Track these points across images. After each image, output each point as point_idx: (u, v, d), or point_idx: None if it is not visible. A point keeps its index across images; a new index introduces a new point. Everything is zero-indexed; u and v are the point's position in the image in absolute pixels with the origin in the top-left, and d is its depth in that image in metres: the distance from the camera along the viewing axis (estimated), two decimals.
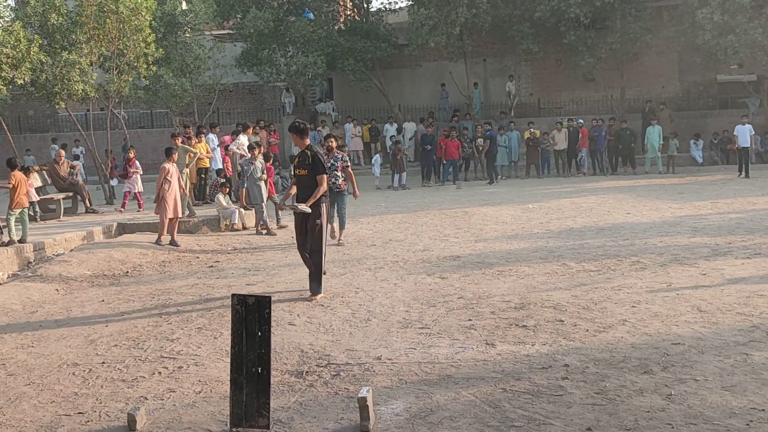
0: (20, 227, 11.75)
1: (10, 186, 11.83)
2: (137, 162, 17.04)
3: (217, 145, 17.75)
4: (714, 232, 11.23)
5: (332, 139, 11.85)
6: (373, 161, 22.24)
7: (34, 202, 14.21)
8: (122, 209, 16.14)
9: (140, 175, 16.82)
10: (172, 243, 12.22)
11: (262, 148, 14.72)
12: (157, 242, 12.19)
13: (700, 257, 9.36)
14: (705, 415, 4.58)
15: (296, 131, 8.17)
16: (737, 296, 7.33)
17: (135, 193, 16.55)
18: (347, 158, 11.79)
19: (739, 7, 21.63)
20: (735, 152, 21.26)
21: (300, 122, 8.33)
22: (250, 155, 14.02)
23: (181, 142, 14.83)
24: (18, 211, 11.74)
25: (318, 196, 8.05)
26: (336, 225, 11.73)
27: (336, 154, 11.47)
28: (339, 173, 11.39)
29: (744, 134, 19.76)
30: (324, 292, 8.24)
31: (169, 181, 12.26)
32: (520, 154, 23.20)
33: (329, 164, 10.56)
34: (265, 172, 13.81)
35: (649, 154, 22.24)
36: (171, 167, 12.36)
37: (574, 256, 9.90)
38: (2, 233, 11.79)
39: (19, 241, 11.53)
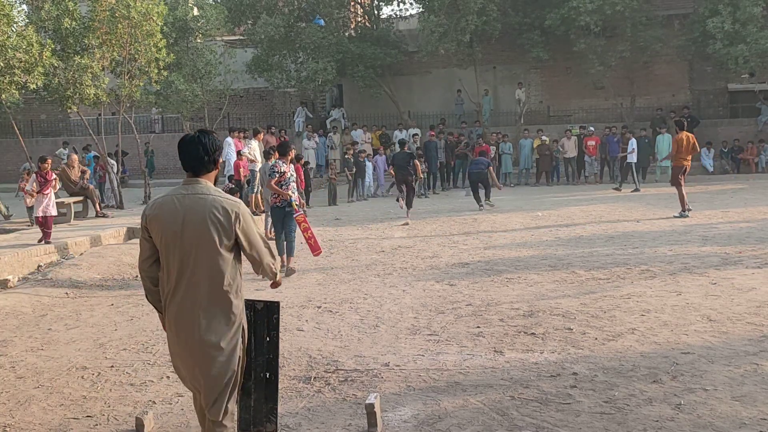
0: None
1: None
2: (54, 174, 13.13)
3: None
4: (724, 241, 11.18)
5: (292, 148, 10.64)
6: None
7: None
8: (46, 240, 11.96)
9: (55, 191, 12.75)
10: None
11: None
12: None
13: (710, 266, 9.32)
14: (714, 425, 4.56)
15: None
16: (747, 306, 7.29)
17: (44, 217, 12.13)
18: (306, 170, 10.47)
19: (750, 16, 21.59)
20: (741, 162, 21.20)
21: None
22: (263, 162, 14.01)
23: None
24: None
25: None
26: (283, 256, 9.99)
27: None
28: (294, 185, 10.22)
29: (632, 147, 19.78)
30: (330, 297, 8.27)
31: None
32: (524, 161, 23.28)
33: (290, 175, 10.02)
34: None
35: (659, 162, 22.16)
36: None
37: (583, 264, 9.87)
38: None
39: None
